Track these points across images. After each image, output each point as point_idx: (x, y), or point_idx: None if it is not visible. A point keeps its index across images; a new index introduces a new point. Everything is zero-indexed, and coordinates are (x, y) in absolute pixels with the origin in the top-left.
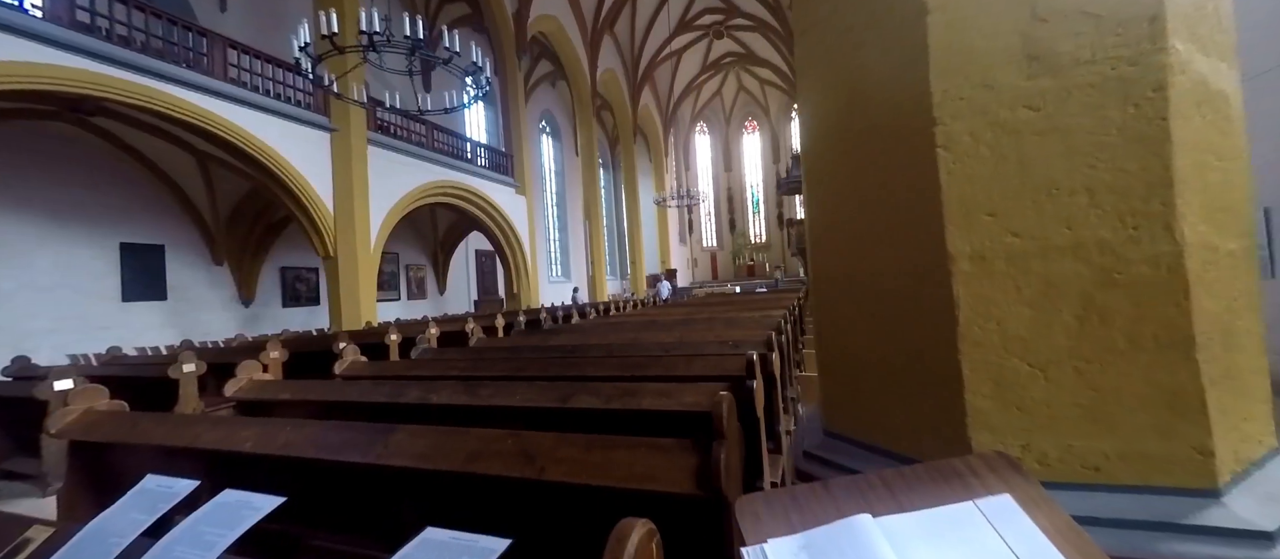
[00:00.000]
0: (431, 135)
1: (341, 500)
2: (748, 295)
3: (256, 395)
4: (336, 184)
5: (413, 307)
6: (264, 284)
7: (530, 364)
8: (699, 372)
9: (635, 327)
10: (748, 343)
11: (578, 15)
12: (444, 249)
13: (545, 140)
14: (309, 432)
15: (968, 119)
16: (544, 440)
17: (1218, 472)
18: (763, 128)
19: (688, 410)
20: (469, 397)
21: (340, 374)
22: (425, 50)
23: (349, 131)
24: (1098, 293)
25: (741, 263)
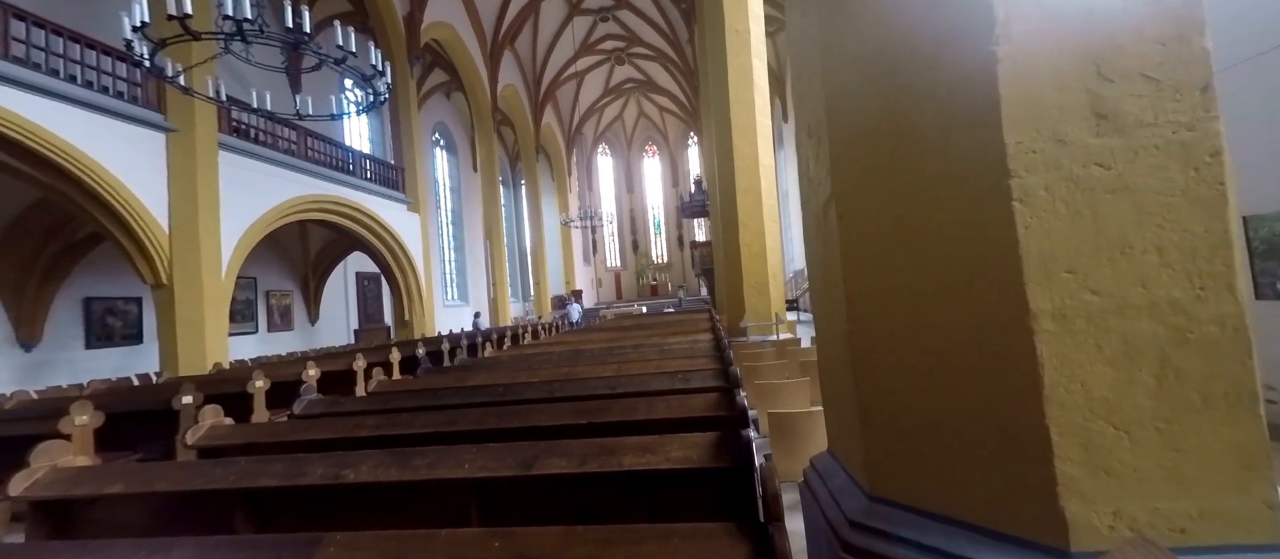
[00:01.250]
0: (305, 142)
1: None
2: (658, 316)
3: (65, 490)
4: (175, 196)
5: (274, 340)
6: (58, 320)
7: (460, 415)
8: (663, 414)
9: (561, 358)
10: (695, 374)
11: (476, 27)
12: (317, 272)
13: (439, 154)
14: (179, 557)
15: (1042, 173)
16: (546, 540)
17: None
18: (662, 153)
19: (680, 468)
20: (400, 470)
21: (195, 445)
22: (312, 46)
23: (194, 133)
24: (1173, 352)
25: (645, 283)
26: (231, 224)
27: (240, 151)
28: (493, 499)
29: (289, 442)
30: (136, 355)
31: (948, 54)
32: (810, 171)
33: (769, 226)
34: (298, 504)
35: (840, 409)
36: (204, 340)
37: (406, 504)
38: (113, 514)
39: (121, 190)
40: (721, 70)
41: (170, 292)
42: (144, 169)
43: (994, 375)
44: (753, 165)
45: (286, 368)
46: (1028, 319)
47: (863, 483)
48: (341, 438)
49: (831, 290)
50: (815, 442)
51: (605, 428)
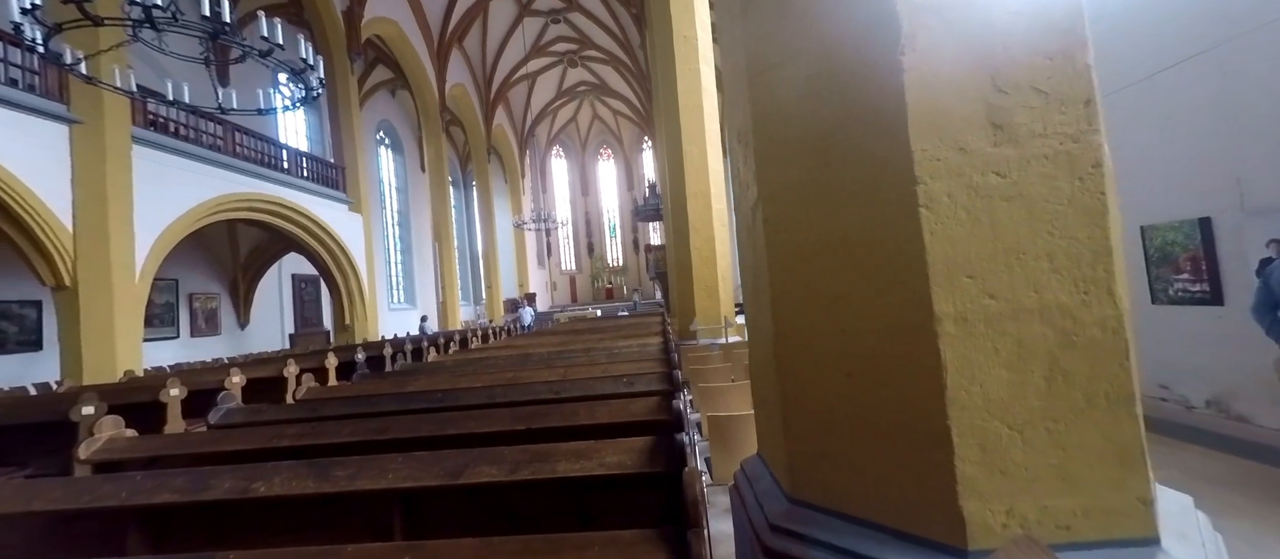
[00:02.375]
0: (232, 138)
1: None
2: (612, 319)
3: None
4: (81, 193)
5: (199, 345)
6: None
7: (393, 423)
8: (605, 419)
9: (507, 362)
10: (641, 377)
11: (422, 24)
12: (247, 274)
13: (384, 153)
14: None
15: (945, 180)
16: (460, 553)
17: (1157, 519)
18: (617, 156)
19: (613, 474)
20: (316, 482)
21: (89, 458)
22: (233, 37)
23: (102, 126)
24: (1061, 354)
25: (600, 285)
26: (147, 223)
27: (157, 146)
28: (419, 510)
29: (200, 453)
30: (35, 362)
31: (861, 63)
32: (739, 175)
33: (719, 231)
34: (203, 521)
35: (767, 412)
36: (114, 346)
37: (324, 517)
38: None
39: (15, 185)
40: (670, 76)
41: (74, 294)
42: (43, 163)
43: (903, 378)
44: (702, 170)
45: (209, 375)
46: (932, 322)
47: (785, 485)
48: (259, 449)
49: (759, 294)
50: (751, 447)
51: (543, 433)
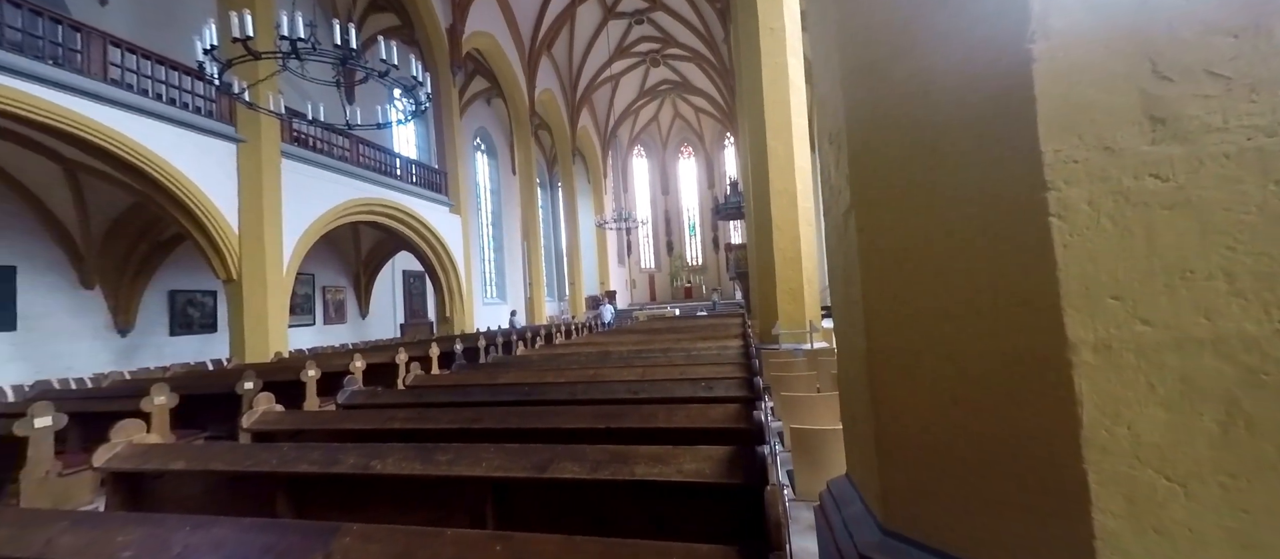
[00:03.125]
0: (356, 149)
1: None
2: (690, 319)
3: (137, 464)
4: (244, 200)
5: (329, 332)
6: (148, 309)
7: (486, 413)
8: (683, 423)
9: (589, 359)
10: (720, 381)
11: (515, 34)
12: (367, 270)
13: (480, 158)
14: (217, 534)
15: (1085, 185)
16: (544, 548)
17: None
18: (698, 154)
19: (691, 482)
20: (422, 464)
21: (250, 428)
22: (358, 61)
23: (259, 143)
24: (1244, 395)
25: (679, 285)
26: (292, 225)
27: (300, 159)
28: (508, 499)
29: (330, 430)
30: (212, 343)
31: (978, 55)
32: (831, 179)
33: (804, 230)
34: (331, 491)
35: (858, 432)
36: (267, 331)
37: (428, 498)
38: (176, 488)
39: (198, 195)
40: (756, 69)
41: (239, 286)
42: (217, 176)
43: (1023, 411)
44: (788, 167)
45: (336, 359)
46: (1065, 350)
47: (877, 514)
48: (377, 429)
49: (851, 305)
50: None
51: (622, 434)
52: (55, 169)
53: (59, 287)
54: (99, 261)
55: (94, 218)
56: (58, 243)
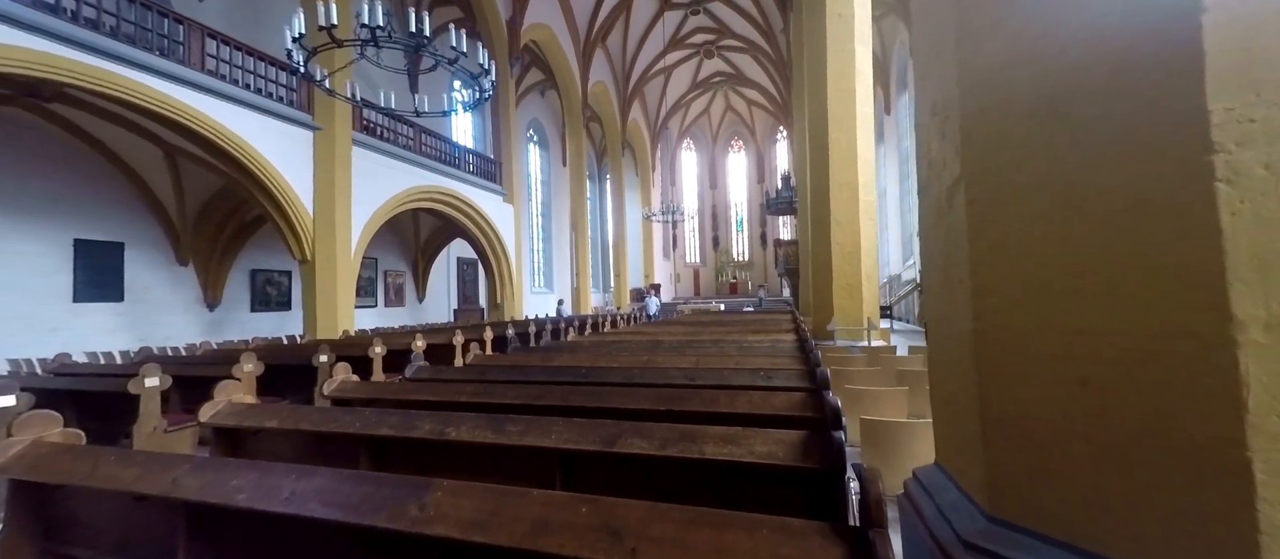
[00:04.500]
0: (419, 138)
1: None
2: (737, 314)
3: (237, 421)
4: (318, 185)
5: (389, 314)
6: (232, 286)
7: (548, 391)
8: (745, 409)
9: (640, 348)
10: (778, 372)
11: (571, 26)
12: (425, 256)
13: (532, 149)
14: (319, 483)
15: (1261, 146)
16: (630, 512)
17: None
18: (748, 148)
19: (763, 463)
20: (494, 433)
21: (329, 395)
22: (431, 50)
23: (333, 131)
24: None
25: (724, 280)
26: (360, 210)
27: (368, 147)
28: (575, 471)
29: (401, 400)
30: (286, 319)
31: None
32: (933, 153)
33: (865, 225)
34: (407, 453)
35: (956, 419)
36: (336, 310)
37: (496, 465)
38: (269, 444)
39: (279, 179)
40: (820, 57)
41: (313, 267)
42: (295, 162)
43: (1171, 393)
44: (850, 159)
45: (399, 338)
46: (1229, 327)
47: (981, 501)
48: (445, 401)
49: (953, 286)
50: (912, 455)
51: (683, 416)
52: (158, 153)
53: (158, 263)
54: (192, 240)
55: (189, 199)
56: (158, 222)
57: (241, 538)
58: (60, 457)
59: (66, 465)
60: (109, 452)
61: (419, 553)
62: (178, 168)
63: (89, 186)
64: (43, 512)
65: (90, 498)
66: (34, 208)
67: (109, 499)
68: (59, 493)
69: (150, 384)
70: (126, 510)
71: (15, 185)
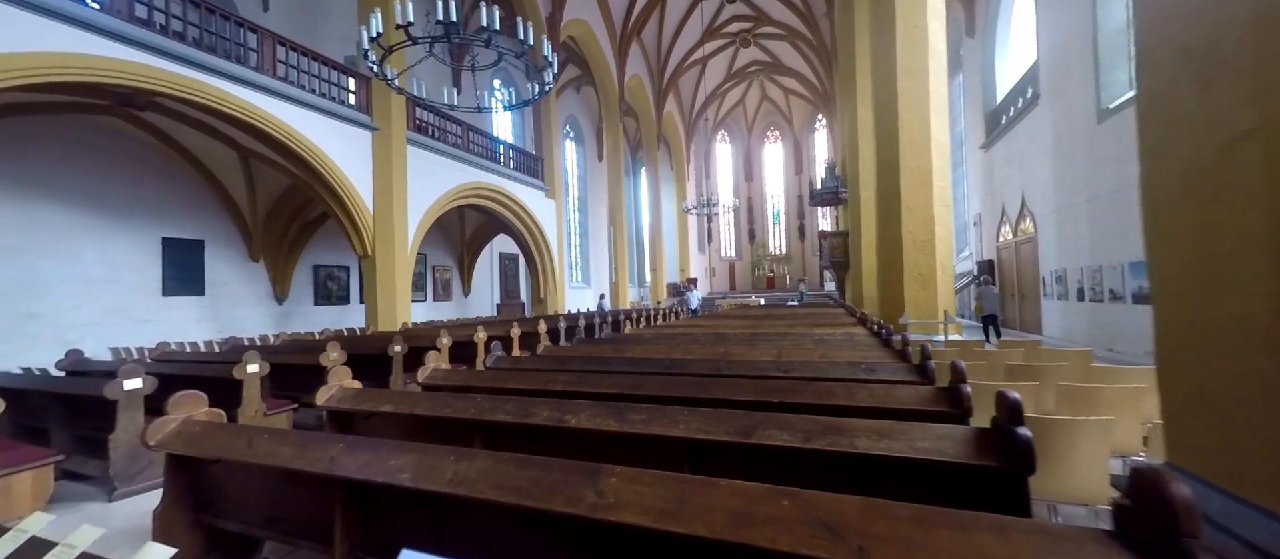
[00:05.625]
0: (467, 136)
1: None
2: (781, 308)
3: (351, 405)
4: (376, 183)
5: (438, 308)
6: (297, 282)
7: (644, 381)
8: (866, 402)
9: (708, 340)
10: (880, 365)
11: (607, 19)
12: (470, 252)
13: (569, 145)
14: (482, 465)
15: None
16: (842, 507)
17: None
18: (785, 138)
19: (928, 460)
20: (617, 421)
21: (423, 382)
22: (499, 45)
23: (390, 131)
24: None
25: (761, 274)
26: (414, 207)
27: (421, 146)
28: (703, 463)
29: (494, 387)
30: (345, 313)
31: None
32: (1189, 109)
33: (938, 212)
34: (520, 439)
35: (1221, 416)
36: (394, 303)
37: (616, 454)
38: (380, 428)
39: (342, 178)
40: (887, 33)
41: (373, 262)
42: (356, 162)
43: None
44: (923, 142)
45: (459, 330)
46: None
47: None
48: (540, 389)
49: (1217, 260)
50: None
51: (799, 408)
52: (233, 156)
53: (233, 259)
54: (263, 237)
55: (259, 200)
56: (232, 221)
57: (397, 516)
58: (214, 433)
59: (223, 441)
60: (262, 430)
61: (594, 540)
62: (250, 169)
63: (174, 189)
64: (195, 485)
65: (240, 473)
66: (129, 210)
67: (258, 474)
68: (208, 468)
69: (252, 370)
70: (276, 486)
71: (114, 189)
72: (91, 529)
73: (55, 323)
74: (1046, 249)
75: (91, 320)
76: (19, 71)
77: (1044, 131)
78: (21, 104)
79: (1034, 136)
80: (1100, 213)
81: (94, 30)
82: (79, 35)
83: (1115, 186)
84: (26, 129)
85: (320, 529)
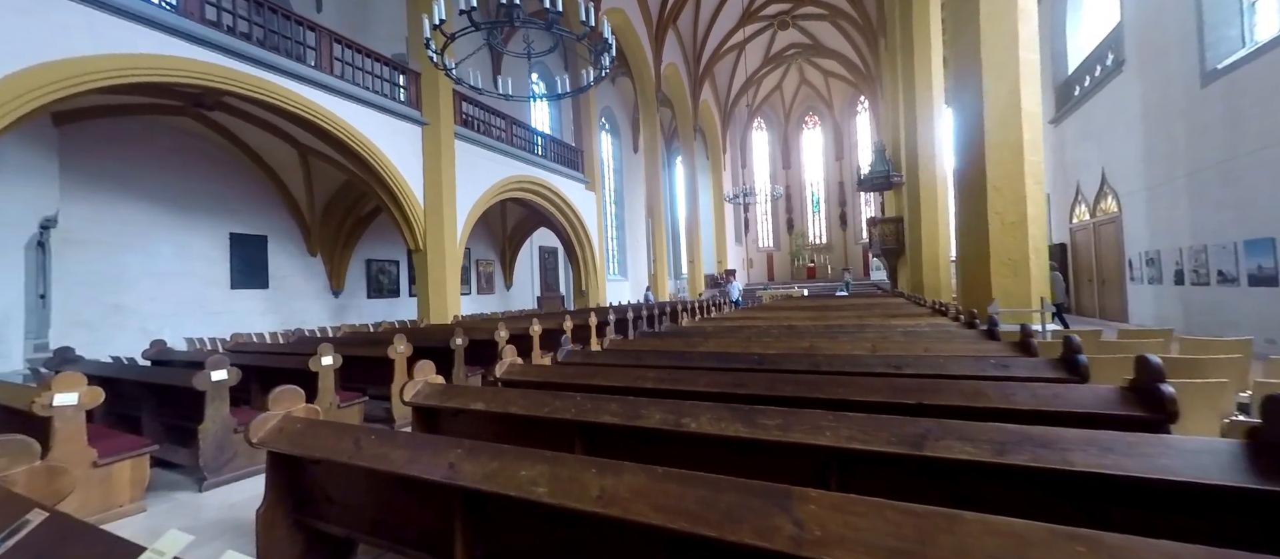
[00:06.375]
0: (511, 130)
1: None
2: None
3: (439, 402)
4: (427, 177)
5: (481, 301)
6: (351, 275)
7: (744, 378)
8: (1029, 405)
9: (780, 333)
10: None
11: (643, 7)
12: (511, 245)
13: (605, 137)
14: (633, 481)
15: None
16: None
17: None
18: (824, 123)
19: (1183, 482)
20: (745, 426)
21: (501, 377)
22: (560, 27)
23: (439, 126)
24: None
25: (800, 264)
26: (463, 200)
27: (467, 140)
28: (853, 478)
29: (576, 383)
30: (395, 306)
31: None
32: None
33: (1032, 189)
34: (628, 445)
35: None
36: (445, 296)
37: (740, 464)
38: (468, 426)
39: (394, 173)
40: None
41: (424, 256)
42: (408, 156)
43: None
44: (1012, 114)
45: (515, 323)
46: None
47: None
48: (630, 386)
49: None
50: None
51: (939, 410)
52: (293, 153)
53: (294, 253)
54: (320, 232)
55: (316, 195)
56: (291, 216)
57: (522, 530)
58: (316, 431)
59: (328, 441)
60: (369, 430)
61: None
62: (309, 166)
63: (239, 185)
64: (295, 485)
65: (341, 473)
66: (201, 206)
67: (362, 475)
68: (308, 467)
69: (326, 363)
70: (383, 489)
71: (187, 187)
72: (179, 535)
73: (137, 313)
74: (1134, 229)
75: (168, 312)
76: (105, 73)
77: (1130, 101)
78: (104, 107)
79: (1117, 107)
80: (1204, 187)
81: (169, 32)
82: (156, 37)
83: (1224, 156)
84: (108, 130)
85: (433, 539)
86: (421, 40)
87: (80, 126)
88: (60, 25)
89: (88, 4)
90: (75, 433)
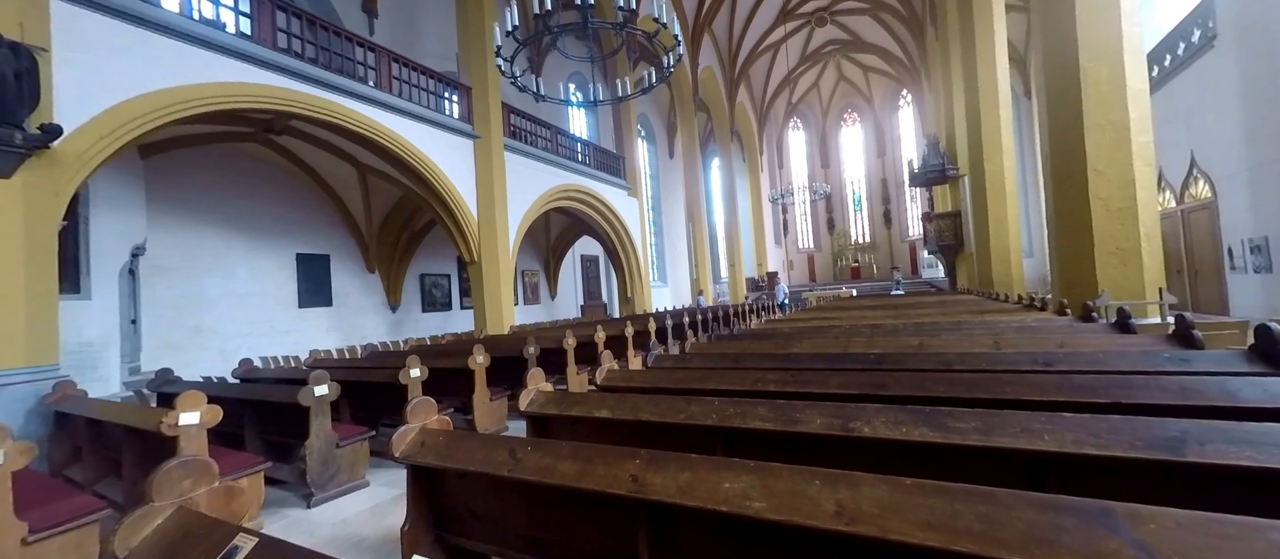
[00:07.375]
0: (556, 139)
1: None
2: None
3: (557, 409)
4: (479, 190)
5: (528, 311)
6: (407, 289)
7: (885, 379)
8: (1256, 403)
9: (865, 332)
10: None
11: (679, 10)
12: (555, 255)
13: (641, 144)
14: (878, 493)
15: None
16: None
17: None
18: (865, 119)
19: None
20: (932, 430)
21: (601, 384)
22: (631, 26)
23: (490, 138)
24: None
25: (843, 264)
26: (514, 211)
27: (516, 151)
28: (1072, 491)
29: (683, 387)
30: (448, 319)
31: None
32: None
33: (1141, 172)
34: (778, 452)
35: None
36: (500, 307)
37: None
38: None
39: (449, 187)
40: None
41: (479, 267)
42: (460, 169)
43: None
44: (1115, 92)
45: (579, 330)
46: None
47: None
48: (746, 390)
49: None
50: None
51: (1149, 409)
52: (353, 173)
53: (353, 271)
54: (378, 249)
55: (374, 212)
56: (351, 235)
57: (719, 552)
58: (463, 444)
59: (480, 453)
60: (524, 441)
61: None
62: (367, 184)
63: (303, 207)
64: (434, 500)
65: (485, 487)
66: (270, 229)
67: (511, 489)
68: (449, 481)
69: (414, 375)
70: (540, 504)
71: (258, 210)
72: None
73: (217, 334)
74: (1233, 215)
75: (245, 332)
76: (189, 102)
77: (1225, 77)
78: (182, 137)
79: (1208, 85)
80: None
81: (246, 59)
82: (234, 65)
83: None
84: (185, 159)
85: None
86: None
87: (165, 156)
88: (153, 58)
89: (176, 37)
90: (200, 451)
